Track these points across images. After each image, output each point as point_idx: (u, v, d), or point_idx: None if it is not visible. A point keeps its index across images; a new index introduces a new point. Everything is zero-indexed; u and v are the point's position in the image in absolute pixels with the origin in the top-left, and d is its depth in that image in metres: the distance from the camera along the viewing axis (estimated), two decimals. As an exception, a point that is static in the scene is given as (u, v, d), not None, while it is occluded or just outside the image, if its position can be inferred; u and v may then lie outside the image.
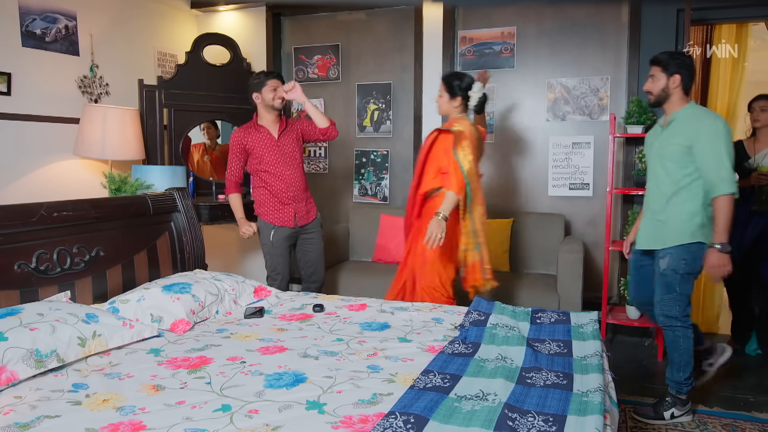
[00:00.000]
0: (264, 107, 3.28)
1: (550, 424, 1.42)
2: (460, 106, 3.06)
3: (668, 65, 2.65)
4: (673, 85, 2.65)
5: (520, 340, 2.06)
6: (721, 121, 2.56)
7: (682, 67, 2.64)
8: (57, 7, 3.32)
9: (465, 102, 3.06)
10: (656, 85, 2.69)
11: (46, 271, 2.23)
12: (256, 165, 3.28)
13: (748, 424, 2.69)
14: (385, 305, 2.63)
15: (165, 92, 3.80)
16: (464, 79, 3.04)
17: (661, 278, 2.67)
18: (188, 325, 2.28)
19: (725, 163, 2.49)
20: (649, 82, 2.73)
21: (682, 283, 2.63)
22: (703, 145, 2.53)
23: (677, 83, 2.64)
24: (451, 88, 3.03)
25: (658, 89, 2.69)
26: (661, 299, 2.68)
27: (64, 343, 1.86)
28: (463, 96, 3.04)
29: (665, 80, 2.66)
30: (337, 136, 3.42)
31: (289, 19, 4.63)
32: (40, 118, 3.27)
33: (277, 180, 3.27)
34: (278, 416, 1.50)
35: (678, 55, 2.70)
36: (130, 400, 1.61)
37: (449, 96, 3.04)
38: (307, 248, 3.42)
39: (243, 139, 3.27)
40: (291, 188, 3.30)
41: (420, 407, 1.48)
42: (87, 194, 3.38)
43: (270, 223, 3.30)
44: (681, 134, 2.60)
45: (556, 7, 3.95)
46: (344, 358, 1.95)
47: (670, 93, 2.67)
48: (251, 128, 3.30)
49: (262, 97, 3.26)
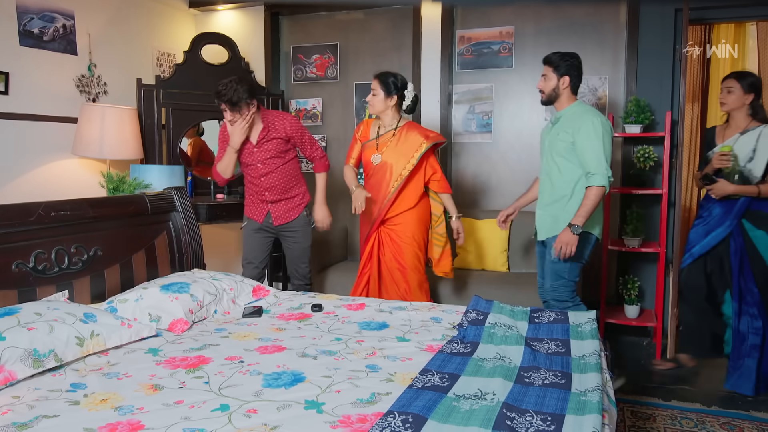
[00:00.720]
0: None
1: (548, 423, 1.42)
2: (395, 106, 3.09)
3: (559, 66, 2.81)
4: (562, 86, 2.82)
5: (518, 340, 2.06)
6: (599, 119, 2.72)
7: (572, 69, 2.82)
8: (55, 6, 3.31)
9: (400, 101, 3.09)
10: (547, 85, 2.85)
11: (44, 271, 2.23)
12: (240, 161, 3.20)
13: (746, 423, 2.70)
14: (383, 305, 2.63)
15: (163, 92, 3.79)
16: (399, 78, 3.09)
17: (551, 266, 2.85)
18: (186, 324, 2.28)
19: (600, 158, 2.66)
20: (542, 81, 2.88)
21: (570, 271, 2.82)
22: (582, 140, 2.70)
23: (566, 84, 2.82)
24: (387, 85, 3.05)
25: (549, 89, 2.85)
26: (552, 285, 2.86)
27: (62, 343, 1.86)
28: (398, 95, 3.07)
29: (555, 80, 2.83)
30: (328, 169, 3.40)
31: (288, 18, 4.62)
32: (38, 117, 3.26)
33: (256, 180, 3.18)
34: (277, 416, 1.50)
35: (569, 57, 2.83)
36: (128, 400, 1.61)
37: (385, 94, 3.06)
38: (288, 245, 3.36)
39: (224, 133, 3.14)
40: (269, 191, 3.18)
41: (418, 407, 1.48)
42: (85, 194, 3.37)
43: (245, 215, 3.32)
44: (566, 131, 2.78)
45: (554, 7, 3.95)
46: (343, 358, 1.95)
47: (559, 93, 2.84)
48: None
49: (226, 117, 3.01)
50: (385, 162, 3.11)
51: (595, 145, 2.67)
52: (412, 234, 3.11)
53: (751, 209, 3.01)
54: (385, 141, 3.13)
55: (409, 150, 3.06)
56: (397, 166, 3.08)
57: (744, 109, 3.03)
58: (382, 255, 3.16)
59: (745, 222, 3.02)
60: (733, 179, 3.01)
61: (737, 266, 3.03)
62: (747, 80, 3.00)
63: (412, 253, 3.11)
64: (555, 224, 2.83)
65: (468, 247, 3.87)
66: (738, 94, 3.01)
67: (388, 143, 3.11)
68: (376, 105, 3.09)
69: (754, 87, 2.99)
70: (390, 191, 3.09)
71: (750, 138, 2.99)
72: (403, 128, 3.11)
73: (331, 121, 4.59)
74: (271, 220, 3.25)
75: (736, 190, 2.99)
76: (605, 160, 2.66)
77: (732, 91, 3.03)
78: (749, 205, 3.00)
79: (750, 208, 3.01)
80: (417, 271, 3.13)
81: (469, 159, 4.24)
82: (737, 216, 3.02)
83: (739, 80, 3.02)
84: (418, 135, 3.07)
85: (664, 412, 2.82)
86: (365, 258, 3.21)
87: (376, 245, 3.18)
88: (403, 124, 3.13)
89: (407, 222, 3.12)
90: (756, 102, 3.01)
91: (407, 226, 3.11)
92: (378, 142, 3.16)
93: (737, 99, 3.02)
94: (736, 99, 3.02)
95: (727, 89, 3.05)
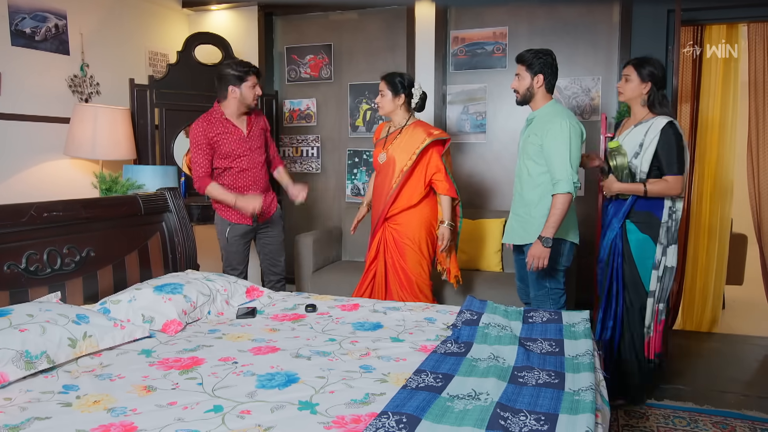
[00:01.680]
0: (237, 102, 3.10)
1: (541, 423, 1.42)
2: (404, 105, 3.12)
3: (533, 64, 2.72)
4: (537, 84, 2.73)
5: (512, 340, 2.06)
6: (568, 122, 2.64)
7: (546, 66, 2.72)
8: (47, 6, 3.30)
9: (408, 100, 3.11)
10: (522, 84, 2.76)
11: (36, 272, 2.21)
12: (221, 160, 3.11)
13: (738, 422, 2.71)
14: (377, 305, 2.63)
15: (156, 92, 3.78)
16: (405, 77, 3.11)
17: (531, 274, 2.80)
18: (180, 325, 2.27)
19: (566, 163, 2.59)
20: (516, 81, 2.79)
21: (551, 280, 2.79)
22: (549, 143, 2.64)
23: (540, 82, 2.73)
24: (394, 85, 3.08)
25: (524, 88, 2.76)
26: (535, 296, 2.84)
27: (55, 344, 1.85)
28: (405, 93, 3.09)
29: (530, 79, 2.74)
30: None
31: (281, 18, 4.62)
32: (30, 117, 3.24)
33: (242, 176, 3.15)
34: (270, 417, 1.50)
35: (542, 54, 2.74)
36: (121, 402, 1.60)
37: (392, 94, 3.09)
38: (266, 241, 3.33)
39: (207, 132, 3.05)
40: (255, 185, 3.19)
41: (412, 407, 1.48)
42: (77, 194, 3.36)
43: (227, 219, 3.19)
44: (536, 133, 2.71)
45: (548, 8, 3.96)
46: (337, 358, 1.95)
47: (534, 92, 2.75)
48: (215, 120, 3.09)
49: (240, 93, 3.07)
50: (390, 158, 3.12)
51: (562, 149, 2.61)
52: (413, 236, 3.10)
53: (636, 210, 2.72)
54: (391, 139, 3.16)
55: (412, 146, 3.06)
56: (399, 162, 3.08)
57: (640, 100, 2.75)
58: (387, 254, 3.16)
59: (629, 223, 2.75)
60: (621, 177, 2.73)
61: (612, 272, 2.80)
62: (645, 69, 2.70)
63: (413, 256, 3.10)
64: (525, 232, 2.80)
65: (462, 248, 3.87)
66: (635, 83, 2.72)
67: (394, 141, 3.13)
68: (384, 106, 3.12)
69: (652, 76, 2.69)
70: (392, 188, 3.09)
71: (640, 131, 2.70)
72: (410, 126, 3.13)
73: (325, 122, 4.58)
74: (256, 218, 3.19)
75: (621, 189, 2.72)
76: (570, 166, 2.60)
77: (629, 79, 2.74)
78: (634, 205, 2.72)
79: (635, 209, 2.72)
80: (417, 275, 3.11)
81: (463, 159, 4.24)
82: (624, 217, 2.75)
83: (637, 68, 2.72)
84: (422, 132, 3.07)
85: (657, 411, 2.83)
86: (371, 255, 3.22)
87: (383, 244, 3.17)
88: (411, 123, 3.14)
89: (409, 222, 3.11)
90: (654, 92, 2.71)
91: (409, 227, 3.10)
92: (386, 140, 3.19)
93: (634, 88, 2.73)
94: (633, 88, 2.73)
95: (624, 77, 2.77)
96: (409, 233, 3.10)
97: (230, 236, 3.21)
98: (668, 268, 2.73)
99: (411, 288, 3.11)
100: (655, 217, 2.71)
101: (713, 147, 4.15)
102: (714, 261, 4.20)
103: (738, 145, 4.17)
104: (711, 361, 3.56)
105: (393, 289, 3.14)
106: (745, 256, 4.82)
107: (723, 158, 4.14)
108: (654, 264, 2.72)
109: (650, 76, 2.69)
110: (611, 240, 2.78)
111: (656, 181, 2.65)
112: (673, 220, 2.70)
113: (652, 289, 2.73)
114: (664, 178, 2.64)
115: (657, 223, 2.70)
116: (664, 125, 2.63)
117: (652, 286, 2.73)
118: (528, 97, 2.78)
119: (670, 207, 2.69)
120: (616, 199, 2.79)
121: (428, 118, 4.15)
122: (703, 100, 4.16)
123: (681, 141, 2.65)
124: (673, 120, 2.65)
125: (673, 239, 2.71)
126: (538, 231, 2.68)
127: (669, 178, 2.63)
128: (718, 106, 4.11)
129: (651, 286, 2.73)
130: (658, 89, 2.71)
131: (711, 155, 4.15)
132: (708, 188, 4.16)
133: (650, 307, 2.76)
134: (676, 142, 2.62)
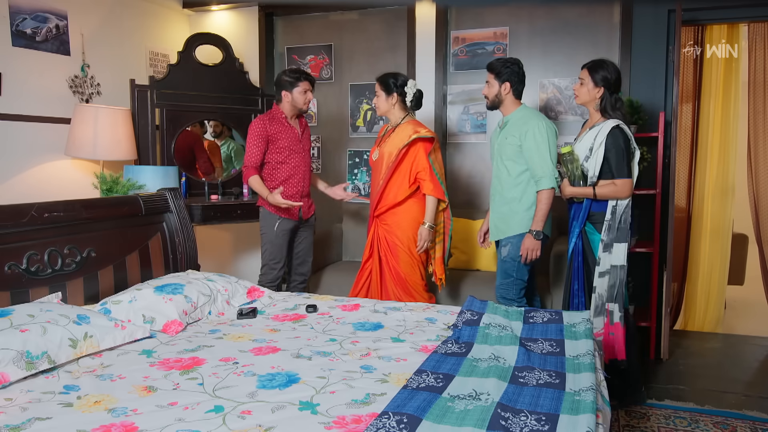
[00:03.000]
0: (290, 106, 3.30)
1: (542, 423, 1.42)
2: (397, 104, 3.16)
3: (501, 73, 2.92)
4: (504, 92, 2.94)
5: (512, 340, 2.06)
6: (544, 122, 2.85)
7: (513, 75, 2.92)
8: (48, 6, 3.30)
9: (402, 99, 3.15)
10: (491, 91, 2.98)
11: (37, 272, 2.22)
12: (275, 155, 3.29)
13: (739, 422, 2.71)
14: (378, 305, 2.63)
15: (157, 92, 3.78)
16: (399, 77, 3.17)
17: (501, 264, 3.00)
18: (180, 326, 2.27)
19: (546, 160, 2.81)
20: (486, 88, 3.01)
21: (519, 270, 2.95)
22: (529, 143, 2.83)
23: (508, 90, 2.94)
24: (387, 85, 3.14)
25: (492, 95, 2.98)
26: (500, 284, 3.00)
27: (56, 345, 1.85)
28: (399, 93, 3.14)
29: (498, 87, 2.95)
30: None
31: (282, 19, 4.62)
32: (31, 118, 3.25)
33: (293, 173, 3.32)
34: (271, 417, 1.50)
35: (509, 64, 2.94)
36: (122, 402, 1.60)
37: (386, 94, 3.15)
38: (301, 240, 3.48)
39: (266, 127, 3.25)
40: (303, 183, 3.38)
41: (413, 407, 1.48)
42: (78, 195, 3.35)
43: (275, 214, 3.31)
44: (513, 135, 2.90)
45: (548, 8, 3.96)
46: (337, 359, 1.95)
47: (502, 98, 2.97)
48: (275, 119, 3.29)
49: (292, 98, 3.27)
50: (381, 155, 3.18)
51: (542, 148, 2.81)
52: (403, 237, 3.11)
53: (593, 210, 2.78)
54: (386, 138, 3.20)
55: (400, 143, 3.09)
56: (387, 158, 3.13)
57: (593, 104, 2.78)
58: (381, 253, 3.19)
59: (587, 224, 2.80)
60: (573, 181, 2.78)
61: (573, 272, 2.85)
62: (598, 73, 2.73)
63: (404, 258, 3.12)
64: (505, 226, 2.97)
65: (462, 248, 3.87)
66: (589, 87, 2.76)
67: (387, 139, 3.18)
68: (380, 106, 3.19)
69: (605, 81, 2.72)
70: (380, 184, 3.15)
71: (590, 135, 2.74)
72: (402, 124, 3.16)
73: (326, 122, 4.58)
74: (301, 215, 3.38)
75: (573, 192, 2.77)
76: (551, 162, 2.82)
77: (583, 83, 2.78)
78: (591, 207, 2.78)
79: (592, 210, 2.78)
80: (410, 276, 3.13)
81: (463, 159, 4.24)
82: (584, 220, 2.79)
83: (591, 72, 2.75)
84: (410, 128, 3.10)
85: (658, 411, 2.83)
86: (366, 254, 3.25)
87: (376, 242, 3.20)
88: (404, 121, 3.16)
89: (398, 222, 3.13)
90: (607, 97, 2.73)
91: (399, 228, 3.12)
92: (381, 139, 3.25)
93: (588, 92, 2.77)
94: (586, 92, 2.77)
95: (580, 80, 2.80)
96: (399, 234, 3.12)
97: (279, 229, 3.32)
98: (615, 266, 2.73)
99: (405, 287, 3.12)
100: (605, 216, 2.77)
101: (714, 147, 4.16)
102: (715, 261, 4.20)
103: (739, 145, 4.17)
104: (712, 362, 3.56)
105: (389, 287, 3.15)
106: (746, 257, 4.82)
107: (724, 158, 4.14)
108: (596, 261, 2.75)
109: (603, 81, 2.74)
110: (571, 241, 2.85)
111: (606, 185, 2.72)
112: (617, 217, 2.71)
113: (595, 285, 2.75)
114: (613, 182, 2.71)
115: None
116: (612, 128, 2.68)
117: (595, 282, 2.75)
118: (497, 102, 2.99)
119: (614, 205, 2.72)
120: (576, 203, 2.84)
121: (428, 118, 4.15)
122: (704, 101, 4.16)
123: (629, 144, 2.71)
124: (620, 123, 2.69)
125: (622, 237, 2.72)
126: (521, 224, 2.90)
127: (618, 181, 2.70)
128: (719, 106, 4.11)
129: (594, 282, 2.75)
130: (611, 93, 2.75)
131: (712, 155, 4.15)
132: (709, 188, 4.16)
133: (593, 305, 2.75)
134: (624, 145, 2.68)
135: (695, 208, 4.22)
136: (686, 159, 4.25)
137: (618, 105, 2.75)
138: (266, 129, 3.25)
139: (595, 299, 2.76)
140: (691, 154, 4.25)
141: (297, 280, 3.52)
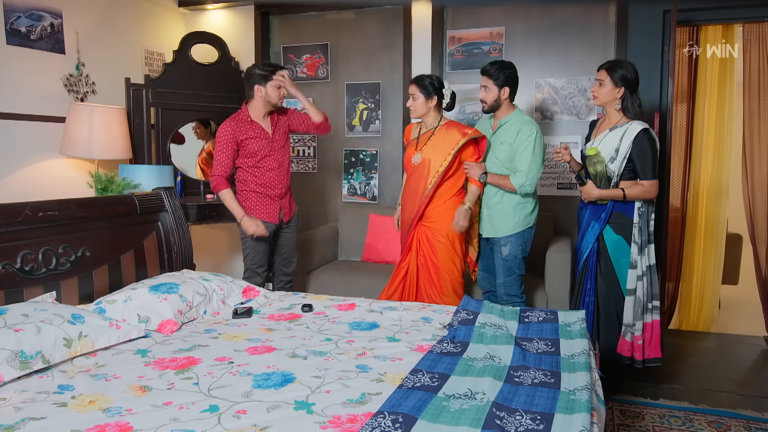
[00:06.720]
0: (263, 102, 3.17)
1: (537, 422, 1.42)
2: (436, 106, 3.14)
3: (499, 78, 3.00)
4: (503, 96, 3.03)
5: (508, 339, 2.07)
6: (535, 127, 2.99)
7: (510, 80, 3.01)
8: (42, 4, 3.29)
9: (439, 101, 3.15)
10: (489, 96, 3.04)
11: (32, 272, 2.21)
12: (246, 160, 3.19)
13: (733, 420, 2.72)
14: (374, 305, 2.63)
15: (152, 91, 3.77)
16: (435, 78, 3.15)
17: (503, 263, 3.09)
18: (176, 325, 2.27)
19: (537, 171, 2.96)
20: (483, 92, 3.06)
21: (519, 266, 3.10)
22: (521, 149, 2.97)
23: (506, 94, 3.03)
24: (426, 88, 3.10)
25: (491, 99, 3.05)
26: (505, 281, 3.10)
27: (50, 344, 1.84)
28: (438, 95, 3.12)
29: (497, 92, 3.03)
30: (330, 130, 3.42)
31: (278, 18, 4.61)
32: (26, 116, 3.23)
33: (268, 176, 3.22)
34: (266, 416, 1.50)
35: (506, 68, 3.01)
36: (116, 402, 1.60)
37: (425, 96, 3.11)
38: (282, 242, 3.40)
39: (235, 132, 3.12)
40: (280, 184, 3.27)
41: (408, 406, 1.48)
42: (73, 194, 3.35)
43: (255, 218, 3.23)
44: (506, 138, 3.02)
45: (544, 8, 3.97)
46: (333, 358, 1.94)
47: (500, 103, 3.05)
48: (243, 122, 3.16)
49: (265, 92, 3.14)
50: (425, 159, 3.11)
51: (537, 156, 2.96)
52: (446, 232, 3.08)
53: (615, 211, 2.80)
54: (424, 140, 3.16)
55: (447, 147, 3.06)
56: (434, 163, 3.08)
57: (614, 104, 2.79)
58: (420, 253, 3.15)
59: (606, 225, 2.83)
60: (599, 183, 2.80)
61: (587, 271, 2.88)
62: (617, 73, 2.74)
63: (444, 252, 3.09)
64: (503, 225, 3.08)
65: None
66: (608, 88, 2.77)
67: (428, 141, 3.13)
68: (417, 109, 3.13)
69: (625, 80, 2.73)
70: (428, 188, 3.09)
71: (615, 136, 2.76)
72: (443, 127, 3.13)
73: (322, 121, 4.58)
74: (281, 217, 3.30)
75: (601, 195, 2.78)
76: (537, 170, 2.96)
77: (603, 84, 2.79)
78: (613, 208, 2.80)
79: (614, 211, 2.80)
80: (450, 272, 3.10)
81: (459, 159, 4.24)
82: (605, 221, 2.81)
83: (610, 72, 2.76)
84: (457, 132, 3.08)
85: (653, 410, 2.84)
86: (405, 253, 3.21)
87: (416, 243, 3.16)
88: (443, 123, 3.15)
89: (442, 219, 3.10)
90: (628, 96, 2.75)
91: (442, 224, 3.09)
92: (418, 141, 3.19)
93: (608, 93, 2.78)
94: (606, 92, 2.78)
95: (598, 81, 2.81)
96: (443, 230, 3.09)
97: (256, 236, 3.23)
98: (649, 266, 2.83)
99: (441, 286, 3.09)
100: (628, 218, 2.81)
101: (709, 147, 4.17)
102: (710, 261, 4.22)
103: (734, 144, 4.18)
104: (706, 361, 3.57)
105: (423, 288, 3.13)
106: (740, 256, 4.84)
107: (719, 158, 4.15)
108: (630, 263, 2.81)
109: (623, 80, 2.75)
110: (590, 242, 2.88)
111: (634, 186, 2.75)
112: (644, 219, 2.79)
113: (631, 288, 2.82)
114: (641, 183, 2.73)
115: (630, 223, 2.81)
116: (639, 132, 2.71)
117: (631, 285, 2.82)
118: (495, 107, 3.07)
119: (639, 207, 2.79)
120: (594, 204, 2.87)
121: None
122: (699, 101, 4.17)
123: (655, 146, 2.76)
124: (648, 127, 2.73)
125: (649, 239, 2.81)
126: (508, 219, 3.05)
127: (645, 182, 2.73)
128: (714, 106, 4.12)
129: (629, 284, 2.83)
130: (632, 93, 2.78)
131: (707, 155, 4.17)
132: (704, 188, 4.18)
133: (631, 306, 2.83)
134: (651, 148, 2.72)
135: (690, 208, 4.24)
136: (681, 159, 4.26)
137: (638, 104, 2.78)
138: (234, 134, 3.12)
139: (634, 302, 2.82)
140: (686, 154, 4.26)
141: (283, 281, 3.46)
